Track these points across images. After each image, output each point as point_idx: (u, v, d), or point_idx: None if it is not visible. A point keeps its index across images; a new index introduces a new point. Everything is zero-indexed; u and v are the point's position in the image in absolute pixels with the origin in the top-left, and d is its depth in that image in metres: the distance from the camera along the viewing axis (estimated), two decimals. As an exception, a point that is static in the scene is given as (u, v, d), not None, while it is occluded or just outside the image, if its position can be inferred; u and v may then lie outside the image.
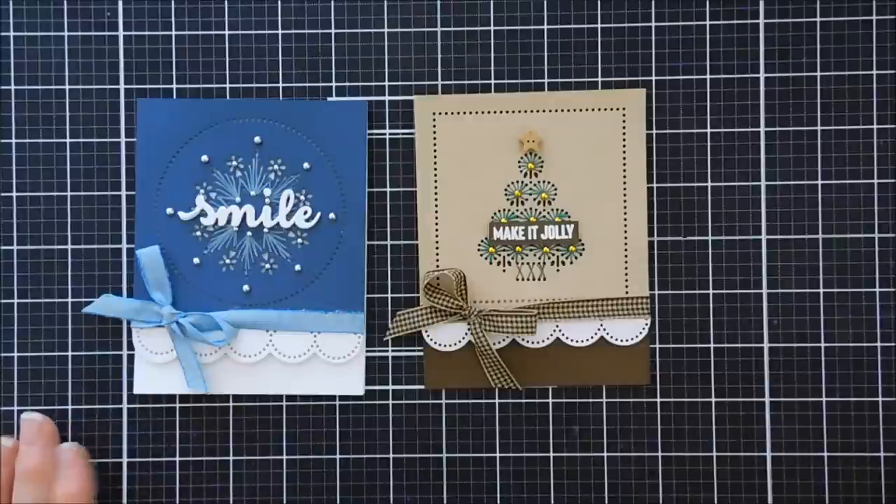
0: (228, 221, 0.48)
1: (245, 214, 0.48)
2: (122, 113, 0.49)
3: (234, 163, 0.48)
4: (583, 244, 0.48)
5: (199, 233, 0.48)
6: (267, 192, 0.48)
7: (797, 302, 0.48)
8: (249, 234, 0.48)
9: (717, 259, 0.48)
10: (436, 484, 0.49)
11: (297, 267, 0.48)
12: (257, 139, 0.48)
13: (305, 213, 0.48)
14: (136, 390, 0.48)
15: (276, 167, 0.48)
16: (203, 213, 0.48)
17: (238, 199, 0.48)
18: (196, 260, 0.48)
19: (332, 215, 0.48)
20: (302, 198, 0.48)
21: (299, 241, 0.48)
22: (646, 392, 0.48)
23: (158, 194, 0.48)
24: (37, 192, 0.48)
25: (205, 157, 0.48)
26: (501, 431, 0.49)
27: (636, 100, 0.48)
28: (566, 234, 0.48)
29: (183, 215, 0.48)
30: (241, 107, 0.48)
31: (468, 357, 0.48)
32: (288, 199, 0.48)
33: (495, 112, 0.48)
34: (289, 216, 0.48)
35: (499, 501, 0.49)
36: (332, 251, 0.48)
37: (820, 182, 0.48)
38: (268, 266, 0.48)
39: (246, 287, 0.48)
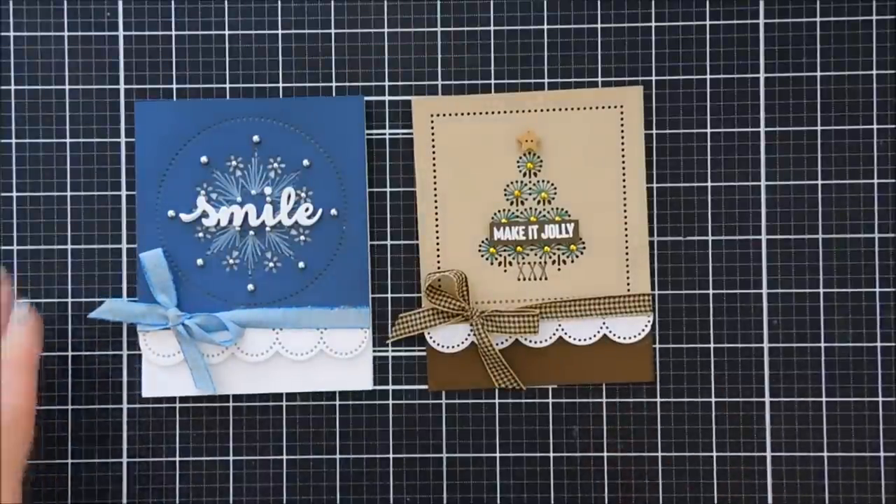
0: (230, 221, 0.48)
1: (247, 214, 0.48)
2: (122, 113, 0.49)
3: (234, 162, 0.48)
4: (583, 242, 0.48)
5: (201, 234, 0.48)
6: (267, 190, 0.48)
7: (797, 302, 0.48)
8: (252, 233, 0.48)
9: (717, 259, 0.48)
10: (436, 484, 0.49)
11: (301, 264, 0.48)
12: (256, 138, 0.48)
13: (307, 209, 0.48)
14: (145, 393, 0.48)
15: (275, 165, 0.48)
16: (205, 214, 0.48)
17: (239, 199, 0.48)
18: (199, 261, 0.48)
19: (333, 211, 0.48)
20: (303, 195, 0.48)
21: (302, 238, 0.48)
22: (646, 392, 0.48)
23: (159, 197, 0.48)
24: (37, 192, 0.48)
25: (204, 158, 0.48)
26: (501, 431, 0.49)
27: (633, 97, 0.48)
28: (566, 232, 0.48)
29: (185, 217, 0.48)
30: (238, 106, 0.48)
31: (471, 358, 0.48)
32: (289, 197, 0.48)
33: (493, 112, 0.48)
34: (290, 214, 0.48)
35: (499, 501, 0.49)
36: (335, 247, 0.48)
37: (820, 182, 0.48)
38: (271, 264, 0.48)
39: (250, 286, 0.48)
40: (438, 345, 0.48)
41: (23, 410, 0.43)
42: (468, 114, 0.48)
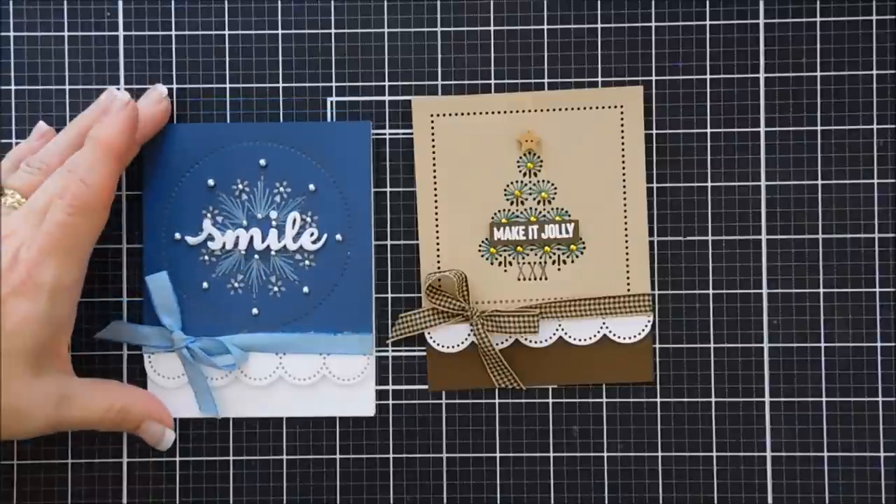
0: (235, 245, 0.48)
1: (252, 238, 0.48)
2: (122, 113, 0.48)
3: (240, 186, 0.48)
4: (583, 242, 0.48)
5: (206, 257, 0.48)
6: (273, 214, 0.48)
7: (797, 302, 0.48)
8: (257, 257, 0.48)
9: (717, 259, 0.48)
10: (436, 484, 0.49)
11: (305, 289, 0.48)
12: (262, 161, 0.48)
13: (312, 234, 0.48)
14: None
15: (281, 189, 0.48)
16: (210, 238, 0.48)
17: (244, 223, 0.48)
18: (205, 284, 0.48)
19: (338, 236, 0.48)
20: (308, 219, 0.48)
21: (306, 262, 0.48)
22: (646, 392, 0.48)
23: (166, 219, 0.48)
24: (37, 191, 0.48)
25: (210, 181, 0.48)
26: (501, 431, 0.49)
27: (634, 97, 0.48)
28: (566, 232, 0.48)
29: (190, 240, 0.48)
30: (246, 130, 0.48)
31: (471, 358, 0.48)
32: (294, 221, 0.48)
33: (493, 112, 0.48)
34: (295, 238, 0.48)
35: (499, 501, 0.49)
36: (340, 272, 0.48)
37: (820, 182, 0.48)
38: (276, 289, 0.48)
39: (255, 310, 0.48)
40: (438, 345, 0.48)
41: (99, 195, 0.42)
42: (468, 114, 0.48)
